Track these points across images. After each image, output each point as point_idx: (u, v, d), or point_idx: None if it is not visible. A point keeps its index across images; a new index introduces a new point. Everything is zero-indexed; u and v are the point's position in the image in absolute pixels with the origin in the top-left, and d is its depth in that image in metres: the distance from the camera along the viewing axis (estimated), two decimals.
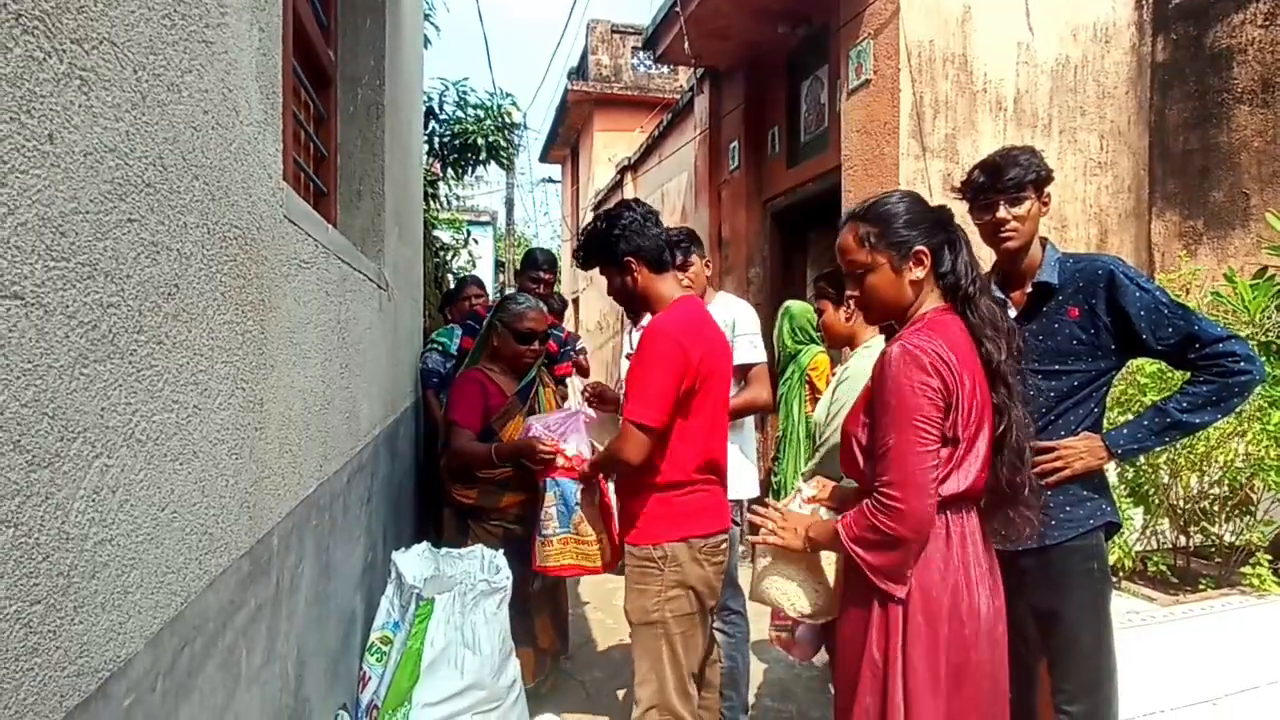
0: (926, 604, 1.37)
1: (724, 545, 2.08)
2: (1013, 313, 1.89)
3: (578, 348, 4.73)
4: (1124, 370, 2.30)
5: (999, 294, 1.87)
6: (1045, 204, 1.90)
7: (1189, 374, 1.81)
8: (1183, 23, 4.07)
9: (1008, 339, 1.48)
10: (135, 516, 0.76)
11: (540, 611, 2.95)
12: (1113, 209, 4.22)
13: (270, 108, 1.27)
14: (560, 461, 2.53)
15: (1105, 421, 1.95)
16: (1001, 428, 1.45)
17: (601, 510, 2.45)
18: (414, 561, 2.41)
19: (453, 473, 2.78)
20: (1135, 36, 4.24)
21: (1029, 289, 1.90)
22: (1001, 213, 1.84)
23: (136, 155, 0.76)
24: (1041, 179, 1.86)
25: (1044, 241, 1.95)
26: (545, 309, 2.87)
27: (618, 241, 2.03)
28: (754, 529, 1.69)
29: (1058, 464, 1.79)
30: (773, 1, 5.07)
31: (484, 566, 2.39)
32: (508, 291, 4.12)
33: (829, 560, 1.65)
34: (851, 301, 2.40)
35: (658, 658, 1.94)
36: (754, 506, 1.75)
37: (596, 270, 2.18)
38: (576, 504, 2.44)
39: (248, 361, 1.14)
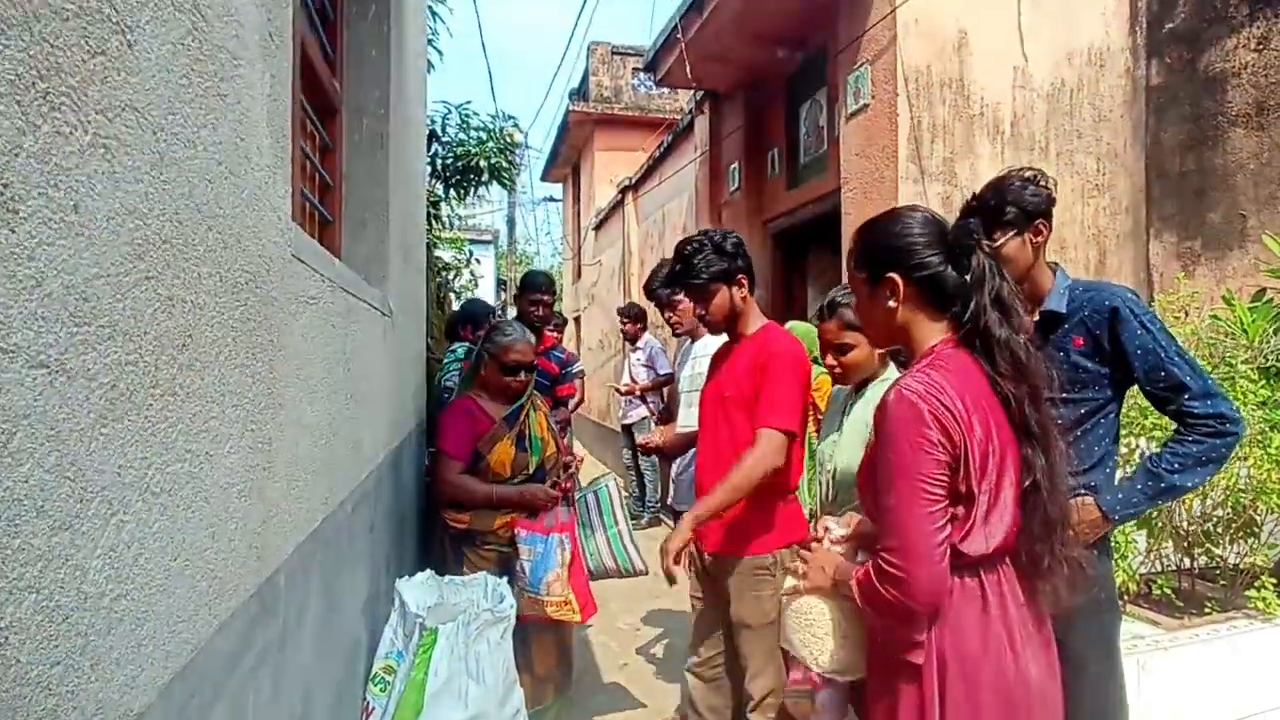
0: (965, 670, 1.22)
1: None
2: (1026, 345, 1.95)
3: (575, 369, 4.74)
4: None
5: None
6: (1040, 234, 1.85)
7: (1177, 428, 1.81)
8: (1176, 47, 4.12)
9: (1033, 383, 1.30)
10: (149, 569, 0.77)
11: (540, 636, 2.91)
12: (1111, 230, 4.25)
13: (280, 150, 1.29)
14: (549, 522, 2.61)
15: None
16: (1026, 484, 1.28)
17: (571, 566, 2.58)
18: (418, 589, 2.41)
19: (452, 501, 2.80)
20: (1129, 61, 4.29)
21: (1036, 316, 1.88)
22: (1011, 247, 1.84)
23: (155, 214, 0.77)
24: (1025, 212, 1.81)
25: (1054, 267, 1.93)
26: (533, 340, 2.91)
27: (735, 257, 2.25)
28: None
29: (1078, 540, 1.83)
30: (772, 27, 5.14)
31: (488, 595, 2.39)
32: (510, 311, 4.09)
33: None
34: None
35: (773, 652, 2.18)
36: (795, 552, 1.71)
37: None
38: (558, 563, 2.53)
39: (258, 403, 1.16)
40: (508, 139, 7.33)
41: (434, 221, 7.28)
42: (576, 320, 13.95)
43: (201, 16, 0.90)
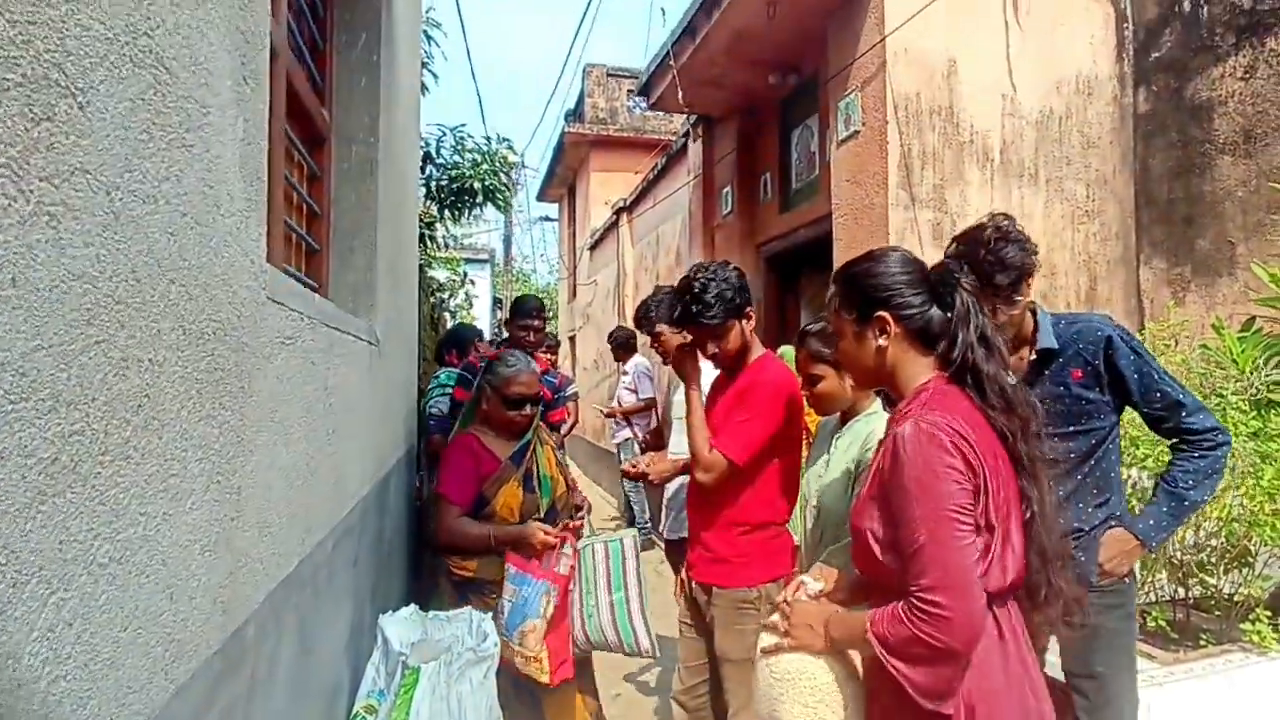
0: (993, 711, 1.17)
1: None
2: (1013, 379, 1.94)
3: (569, 393, 4.70)
4: None
5: None
6: (1019, 295, 1.83)
7: (1177, 446, 1.90)
8: (1163, 75, 4.15)
9: (1023, 415, 1.30)
10: (94, 645, 0.74)
11: (552, 698, 2.54)
12: (1101, 256, 4.26)
13: (254, 193, 1.27)
14: (545, 565, 2.40)
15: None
16: (1026, 514, 1.28)
17: (553, 620, 2.35)
18: (401, 625, 2.36)
19: (451, 547, 2.56)
20: (1117, 88, 4.31)
21: (1031, 355, 1.93)
22: (1001, 313, 1.88)
23: (107, 276, 0.75)
24: (1021, 273, 1.82)
25: (1033, 309, 1.97)
26: (537, 370, 2.67)
27: (743, 290, 2.26)
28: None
29: (1113, 573, 1.85)
30: (764, 53, 5.17)
31: (472, 631, 2.35)
32: (502, 332, 4.02)
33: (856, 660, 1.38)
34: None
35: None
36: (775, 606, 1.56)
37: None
38: (539, 613, 2.31)
39: (224, 453, 1.13)
40: (502, 161, 7.35)
41: (429, 242, 7.29)
42: (571, 340, 13.94)
43: (166, 70, 0.88)
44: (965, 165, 4.06)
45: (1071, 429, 1.87)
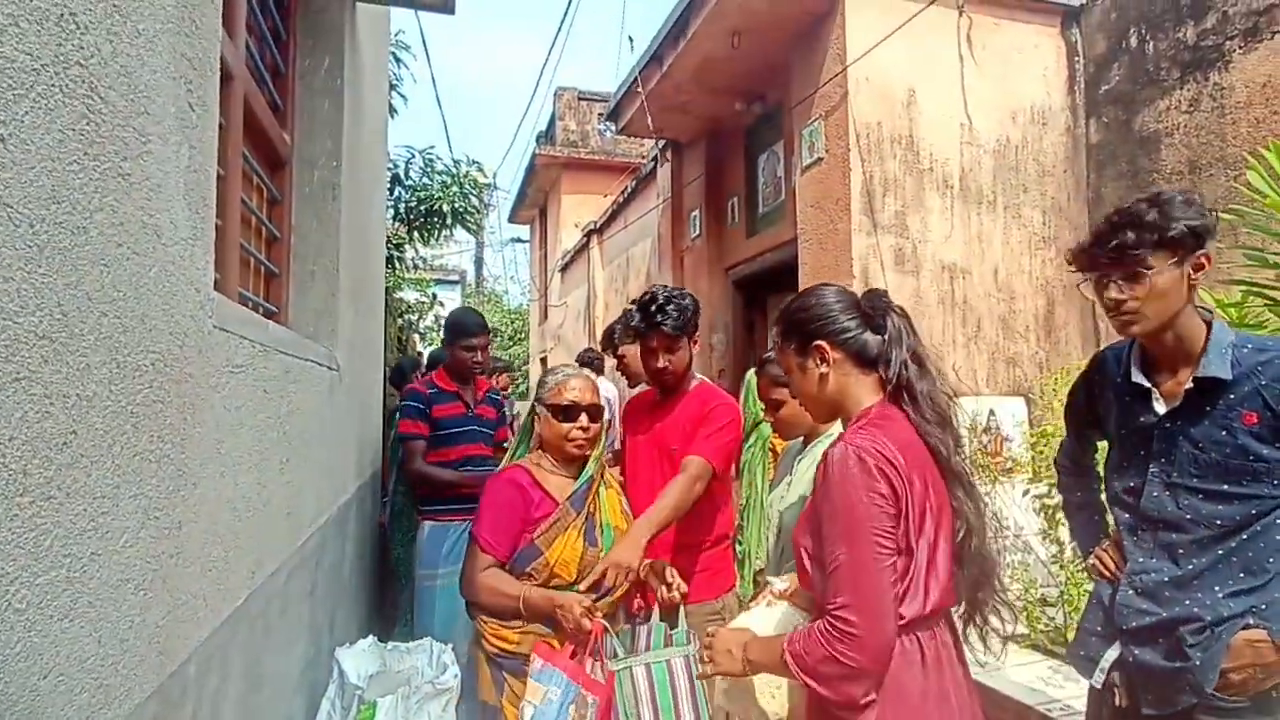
0: None
1: None
2: (1161, 408, 1.50)
3: (514, 411, 4.62)
4: None
5: (1142, 381, 1.53)
6: (1201, 268, 1.43)
7: None
8: (1113, 107, 4.29)
9: (956, 432, 1.33)
10: (9, 698, 0.70)
11: None
12: (1058, 281, 4.36)
13: (200, 221, 1.25)
14: (592, 670, 1.80)
15: None
16: (961, 534, 1.28)
17: None
18: (358, 658, 2.30)
19: (477, 605, 1.98)
20: (1070, 119, 4.44)
21: (1189, 382, 1.46)
22: (1114, 292, 1.46)
23: (29, 311, 0.73)
24: (1178, 236, 1.40)
25: (1208, 317, 1.50)
26: (593, 377, 2.19)
27: (697, 316, 2.35)
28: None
29: (1240, 688, 1.41)
30: (730, 80, 5.24)
31: (432, 663, 2.30)
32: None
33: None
34: None
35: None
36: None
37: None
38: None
39: (163, 487, 1.09)
40: (472, 183, 7.34)
41: (397, 263, 7.23)
42: (543, 360, 13.89)
43: (100, 99, 0.87)
44: (926, 192, 4.14)
45: (1225, 488, 1.42)
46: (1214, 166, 3.72)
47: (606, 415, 2.22)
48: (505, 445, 3.56)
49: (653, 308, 2.28)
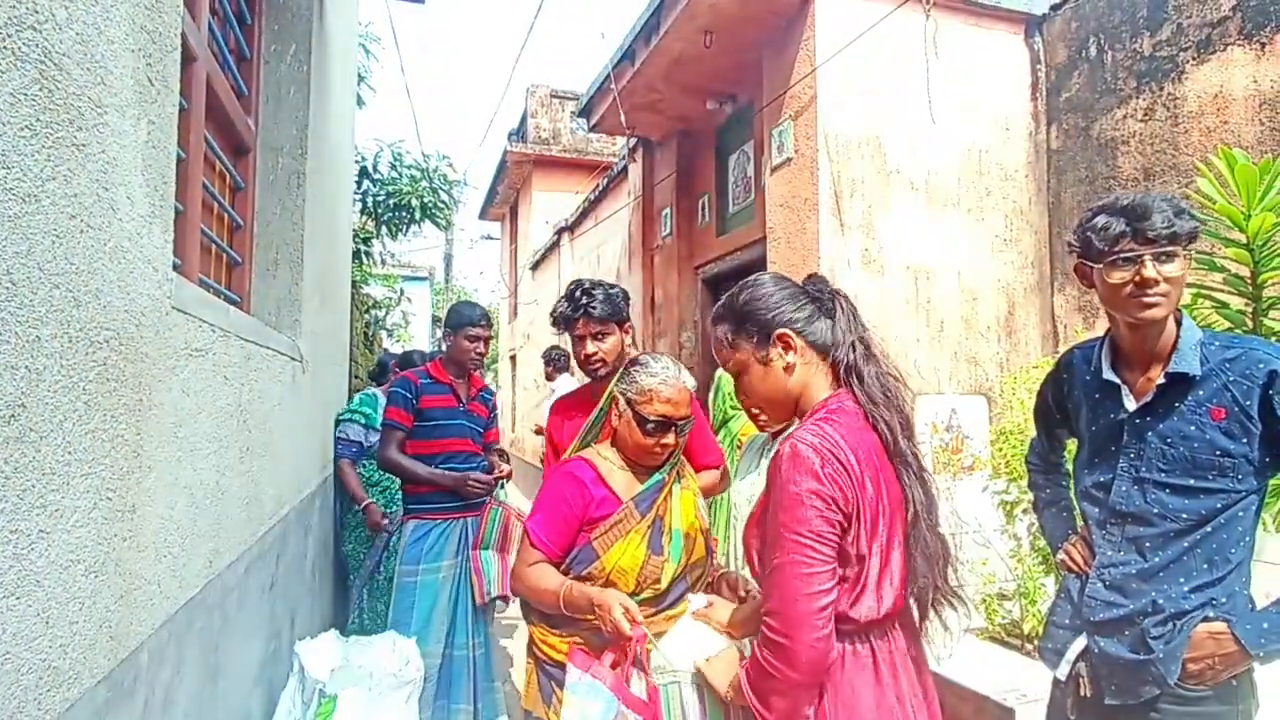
0: None
1: None
2: (1132, 404, 1.53)
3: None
4: None
5: (1113, 378, 1.56)
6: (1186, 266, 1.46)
7: None
8: (1072, 114, 4.40)
9: (904, 412, 1.29)
10: None
11: None
12: (1018, 283, 4.45)
13: (159, 200, 1.22)
14: (635, 685, 1.55)
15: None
16: (909, 514, 1.24)
17: None
18: (320, 652, 2.27)
19: (529, 607, 1.82)
20: (1032, 125, 4.55)
21: (1161, 378, 1.48)
22: (1150, 270, 1.42)
23: None
24: (1195, 232, 1.44)
25: (1178, 315, 1.53)
26: (691, 384, 1.85)
27: (627, 304, 2.36)
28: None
29: (1200, 677, 1.43)
30: (702, 79, 5.27)
31: (394, 655, 2.27)
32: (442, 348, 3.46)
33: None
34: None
35: None
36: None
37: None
38: None
39: (117, 468, 1.07)
40: (442, 178, 7.27)
41: (365, 258, 7.14)
42: (513, 359, 13.81)
43: (54, 65, 0.84)
44: (892, 193, 4.20)
45: (1191, 483, 1.45)
46: (1168, 173, 3.84)
47: None
48: (494, 447, 3.48)
49: (579, 293, 2.29)
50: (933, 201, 4.29)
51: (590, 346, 2.28)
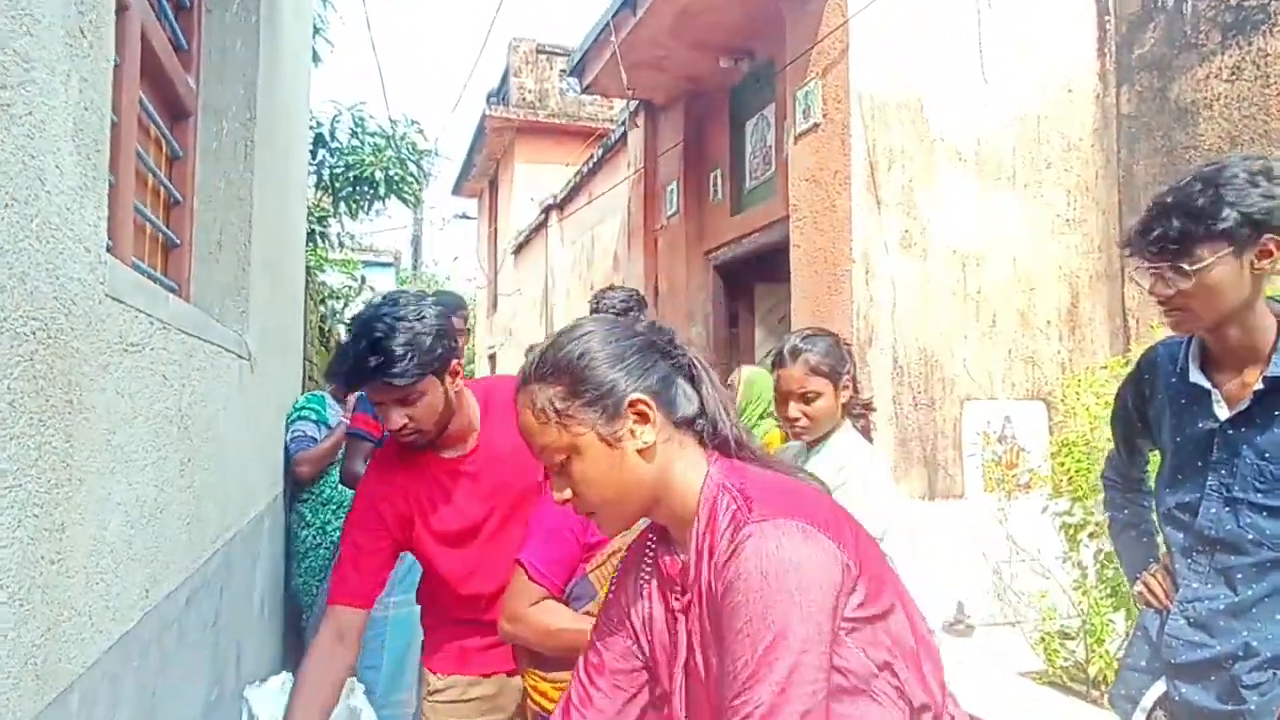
0: None
1: None
2: (1223, 412, 1.51)
3: None
4: None
5: (1201, 382, 1.54)
6: (1268, 255, 1.41)
7: None
8: (1146, 74, 4.41)
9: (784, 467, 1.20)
10: None
11: None
12: (1083, 270, 4.47)
13: (92, 169, 1.23)
14: None
15: None
16: None
17: None
18: (270, 697, 2.30)
19: (525, 651, 1.80)
20: (1099, 86, 4.56)
21: (1258, 383, 1.45)
22: (1160, 287, 1.45)
23: None
24: (1231, 228, 1.39)
25: (1277, 311, 1.50)
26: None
27: (444, 337, 1.80)
28: None
29: None
30: (714, 34, 5.29)
31: (345, 699, 2.29)
32: None
33: None
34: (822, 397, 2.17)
35: None
36: None
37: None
38: None
39: (44, 480, 1.08)
40: (410, 147, 7.29)
41: (320, 240, 7.15)
42: (491, 359, 13.83)
43: None
44: (937, 164, 4.22)
45: None
46: (1257, 141, 3.85)
47: None
48: None
49: (364, 345, 1.68)
50: (983, 175, 4.31)
51: (397, 417, 1.75)
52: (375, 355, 1.67)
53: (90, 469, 1.27)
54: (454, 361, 1.83)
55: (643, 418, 1.08)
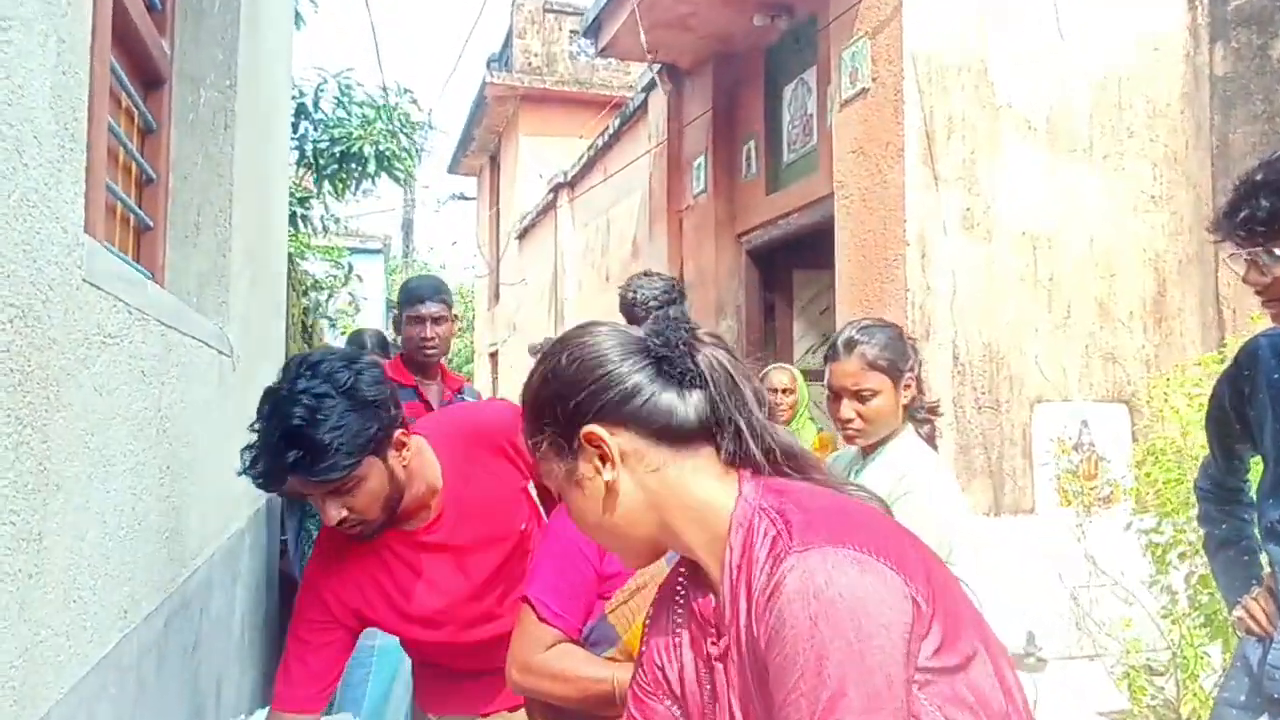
0: None
1: None
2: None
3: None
4: None
5: None
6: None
7: None
8: (1243, 29, 4.37)
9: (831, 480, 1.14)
10: None
11: None
12: (1171, 253, 4.43)
13: (70, 139, 1.26)
14: None
15: None
16: None
17: None
18: None
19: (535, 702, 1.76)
20: (1190, 43, 4.52)
21: None
22: (1251, 274, 1.50)
23: None
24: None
25: None
26: None
27: (379, 407, 1.71)
28: None
29: None
30: None
31: None
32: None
33: None
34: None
35: None
36: None
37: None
38: None
39: (21, 484, 1.10)
40: (403, 118, 7.34)
41: (302, 224, 7.21)
42: (493, 357, 13.89)
43: None
44: (1003, 134, 4.20)
45: None
46: None
47: None
48: None
49: (276, 438, 1.58)
50: (1056, 146, 4.29)
51: (334, 511, 1.67)
52: (294, 449, 1.54)
53: (68, 473, 1.29)
54: (397, 432, 1.71)
55: (597, 453, 1.03)
